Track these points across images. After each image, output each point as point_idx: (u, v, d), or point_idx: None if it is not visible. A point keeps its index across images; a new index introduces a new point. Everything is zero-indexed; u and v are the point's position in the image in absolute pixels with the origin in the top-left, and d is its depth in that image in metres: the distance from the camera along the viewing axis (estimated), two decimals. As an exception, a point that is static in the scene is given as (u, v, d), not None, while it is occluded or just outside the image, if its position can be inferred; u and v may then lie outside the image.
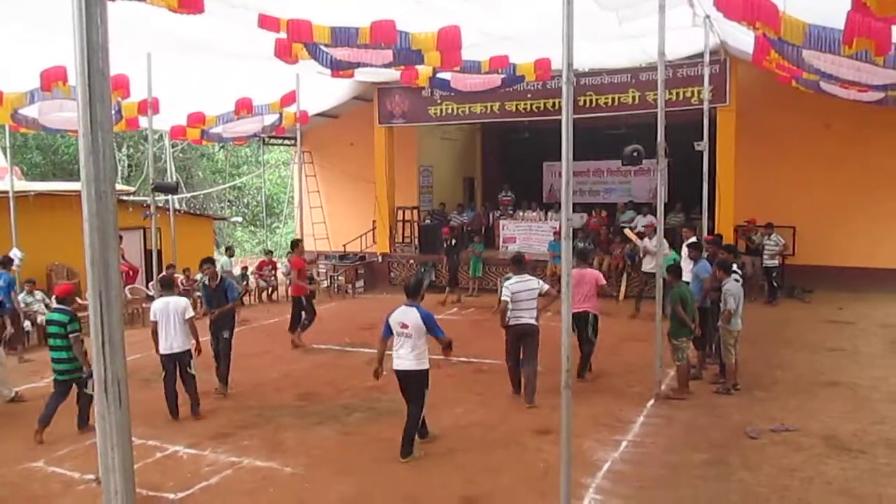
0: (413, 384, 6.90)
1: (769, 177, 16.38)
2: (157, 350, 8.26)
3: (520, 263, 8.83)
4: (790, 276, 15.82)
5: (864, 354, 10.57)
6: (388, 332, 7.01)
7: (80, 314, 7.94)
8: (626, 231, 15.47)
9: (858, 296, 15.09)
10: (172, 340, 8.17)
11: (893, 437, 7.07)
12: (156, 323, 8.23)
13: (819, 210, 16.20)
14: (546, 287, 8.69)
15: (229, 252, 16.50)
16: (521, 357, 8.58)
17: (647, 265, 13.52)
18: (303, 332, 12.19)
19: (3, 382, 9.08)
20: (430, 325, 6.83)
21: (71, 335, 7.59)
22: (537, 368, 8.46)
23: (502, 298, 8.57)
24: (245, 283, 17.51)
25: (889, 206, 15.88)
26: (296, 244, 13.01)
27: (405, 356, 6.85)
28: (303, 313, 12.19)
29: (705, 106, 12.41)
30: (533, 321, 8.43)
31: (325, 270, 18.62)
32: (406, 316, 6.87)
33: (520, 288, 8.40)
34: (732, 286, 8.68)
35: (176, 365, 8.23)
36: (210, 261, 10.10)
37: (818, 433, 7.23)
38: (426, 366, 6.89)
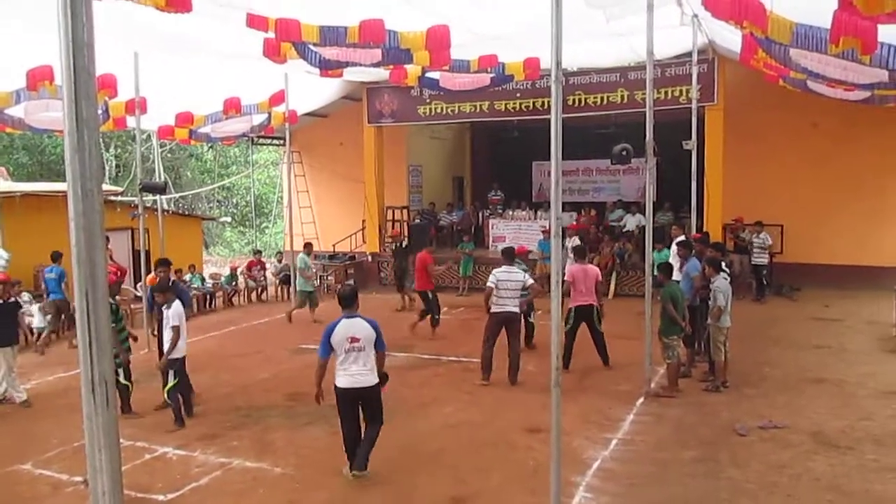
0: (373, 401, 6.32)
1: (757, 175, 16.48)
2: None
3: (510, 256, 9.55)
4: (778, 274, 15.91)
5: (851, 351, 10.64)
6: (327, 351, 6.21)
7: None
8: None
9: (845, 293, 15.19)
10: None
11: (880, 434, 7.12)
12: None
13: (806, 208, 16.31)
14: (531, 282, 9.36)
15: (308, 248, 15.39)
16: (507, 342, 9.13)
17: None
18: (435, 327, 12.36)
19: (13, 385, 8.92)
20: (380, 334, 6.25)
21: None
22: (519, 351, 9.21)
23: (488, 285, 9.20)
24: (234, 283, 17.46)
25: (875, 205, 16.01)
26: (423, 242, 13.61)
27: (361, 372, 6.15)
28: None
29: (693, 105, 12.47)
30: (516, 309, 9.10)
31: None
32: (354, 328, 6.16)
33: (505, 278, 9.03)
34: (722, 283, 8.72)
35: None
36: (166, 262, 10.05)
37: (806, 430, 7.27)
38: (377, 378, 6.32)
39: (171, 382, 7.91)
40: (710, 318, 8.78)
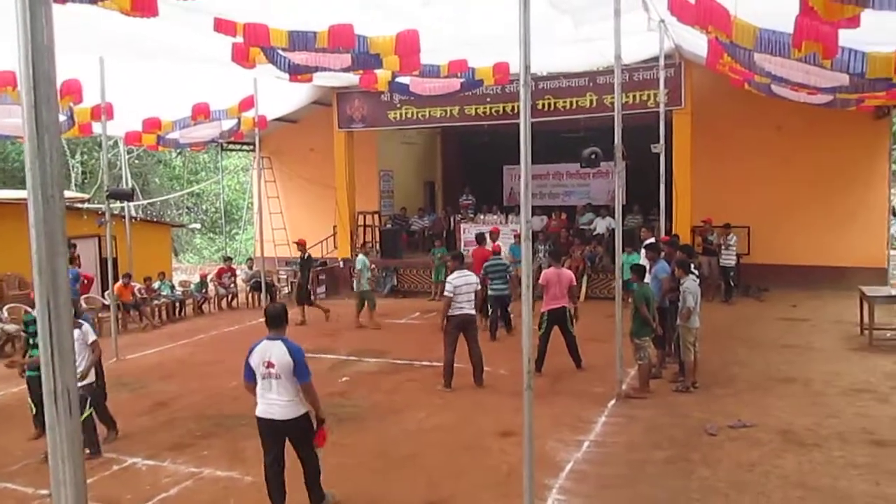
0: (297, 438, 5.59)
1: (724, 178, 16.72)
2: None
3: (460, 259, 9.79)
4: (745, 275, 16.14)
5: (818, 350, 10.83)
6: (251, 374, 5.59)
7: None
8: None
9: (811, 293, 15.46)
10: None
11: (846, 431, 7.24)
12: None
13: (772, 210, 16.58)
14: (479, 287, 9.66)
15: (364, 248, 15.04)
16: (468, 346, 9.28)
17: None
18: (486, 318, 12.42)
19: None
20: (299, 364, 5.38)
21: None
22: (480, 352, 9.35)
23: (446, 293, 9.27)
24: (204, 291, 17.27)
25: (839, 206, 16.32)
26: (481, 238, 13.75)
27: (276, 402, 5.42)
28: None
29: (661, 109, 12.60)
30: (473, 312, 9.27)
31: (285, 277, 18.44)
32: (272, 352, 5.44)
33: (461, 282, 9.15)
34: (691, 285, 8.82)
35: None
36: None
37: (775, 428, 7.37)
38: (303, 410, 5.50)
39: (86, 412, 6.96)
40: (680, 318, 8.87)
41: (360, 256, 14.27)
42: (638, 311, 8.73)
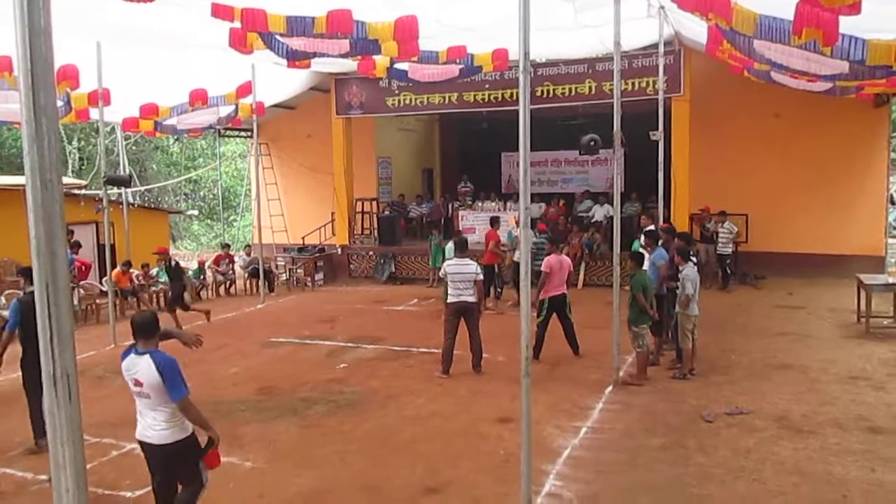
0: (172, 463, 4.73)
1: (722, 165, 16.71)
2: None
3: (462, 247, 9.65)
4: (743, 263, 16.17)
5: (814, 338, 10.86)
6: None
7: None
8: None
9: (808, 281, 15.50)
10: None
11: (842, 418, 7.28)
12: None
13: (770, 198, 16.57)
14: (480, 277, 9.41)
15: (457, 235, 13.57)
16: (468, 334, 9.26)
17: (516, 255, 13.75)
18: (497, 299, 13.10)
19: None
20: (169, 379, 4.50)
21: None
22: (480, 340, 9.29)
23: (440, 274, 9.74)
24: (202, 277, 17.28)
25: (836, 194, 16.32)
26: (494, 221, 14.13)
27: (150, 425, 4.65)
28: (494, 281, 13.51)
29: (660, 96, 12.57)
30: (472, 299, 9.18)
31: (283, 263, 18.45)
32: (137, 367, 4.57)
33: (455, 270, 9.17)
34: (690, 272, 8.83)
35: None
36: (26, 272, 7.48)
37: (771, 415, 7.40)
38: (185, 433, 4.68)
39: None
40: (679, 306, 8.89)
41: (449, 245, 13.94)
42: (635, 298, 8.75)
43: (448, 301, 9.21)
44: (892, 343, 10.36)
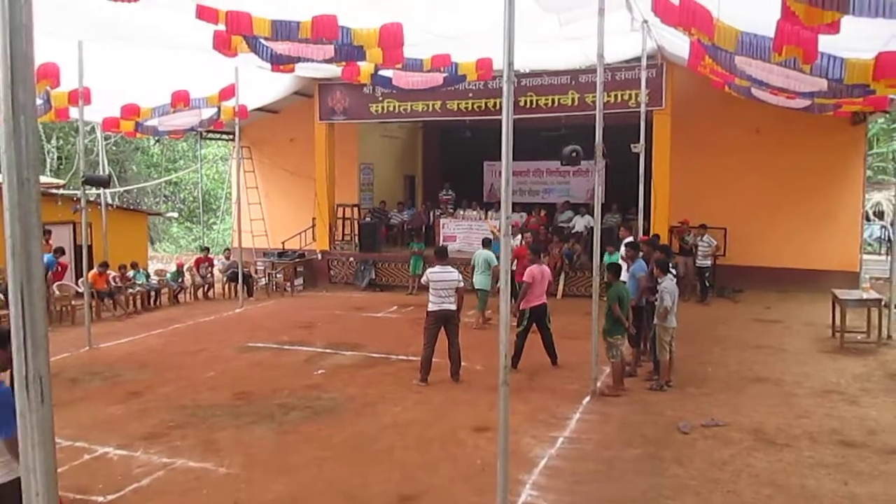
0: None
1: (702, 179, 16.87)
2: None
3: (443, 255, 9.71)
4: (721, 277, 16.30)
5: (790, 352, 10.96)
6: None
7: None
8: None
9: (785, 295, 15.67)
10: None
11: (816, 431, 7.35)
12: None
13: (749, 212, 16.75)
14: (461, 284, 9.38)
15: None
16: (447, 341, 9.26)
17: None
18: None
19: None
20: None
21: None
22: (459, 348, 9.29)
23: (422, 281, 9.69)
24: (181, 280, 17.12)
25: (815, 209, 16.54)
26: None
27: None
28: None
29: (642, 109, 12.66)
30: (453, 307, 9.19)
31: (263, 268, 18.33)
32: None
33: (438, 277, 9.17)
34: (669, 284, 8.89)
35: None
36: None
37: (746, 427, 7.46)
38: (12, 475, 3.56)
39: None
40: (657, 318, 8.93)
41: (488, 250, 13.06)
42: (610, 309, 8.79)
43: (430, 310, 9.20)
44: (865, 358, 10.50)
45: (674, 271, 9.59)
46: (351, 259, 18.65)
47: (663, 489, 5.99)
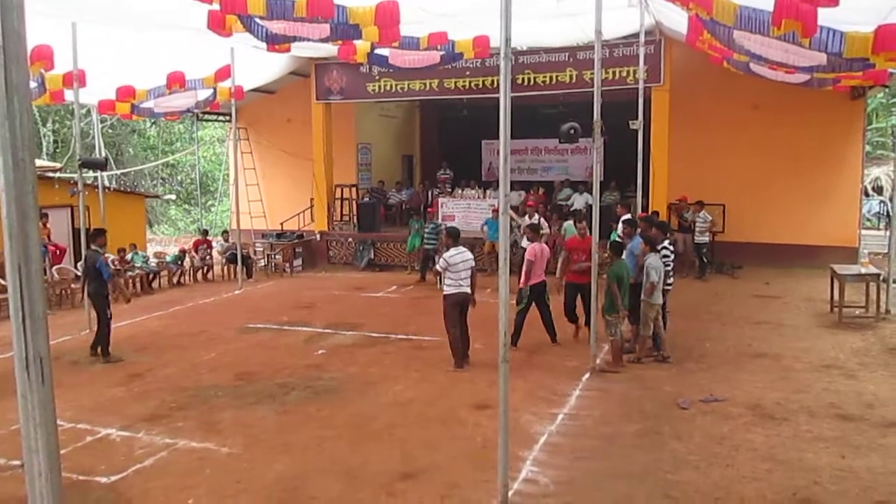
0: None
1: (701, 155, 16.81)
2: None
3: (455, 237, 9.38)
4: (720, 253, 16.31)
5: (789, 327, 11.00)
6: None
7: None
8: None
9: (784, 271, 15.69)
10: None
11: (814, 406, 7.39)
12: None
13: (747, 188, 16.72)
14: (474, 265, 9.26)
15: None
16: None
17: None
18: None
19: None
20: None
21: None
22: (468, 331, 9.13)
23: (437, 267, 9.41)
24: (181, 262, 17.11)
25: (813, 185, 16.50)
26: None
27: None
28: None
29: (640, 85, 12.60)
30: (469, 290, 8.99)
31: (261, 249, 18.33)
32: None
33: (458, 259, 8.90)
34: (654, 260, 8.92)
35: None
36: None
37: (745, 402, 7.50)
38: None
39: None
40: (644, 294, 8.95)
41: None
42: (609, 287, 8.80)
43: (448, 293, 8.97)
44: (863, 332, 10.53)
45: (671, 248, 9.59)
46: (350, 239, 18.64)
47: (663, 464, 6.03)
